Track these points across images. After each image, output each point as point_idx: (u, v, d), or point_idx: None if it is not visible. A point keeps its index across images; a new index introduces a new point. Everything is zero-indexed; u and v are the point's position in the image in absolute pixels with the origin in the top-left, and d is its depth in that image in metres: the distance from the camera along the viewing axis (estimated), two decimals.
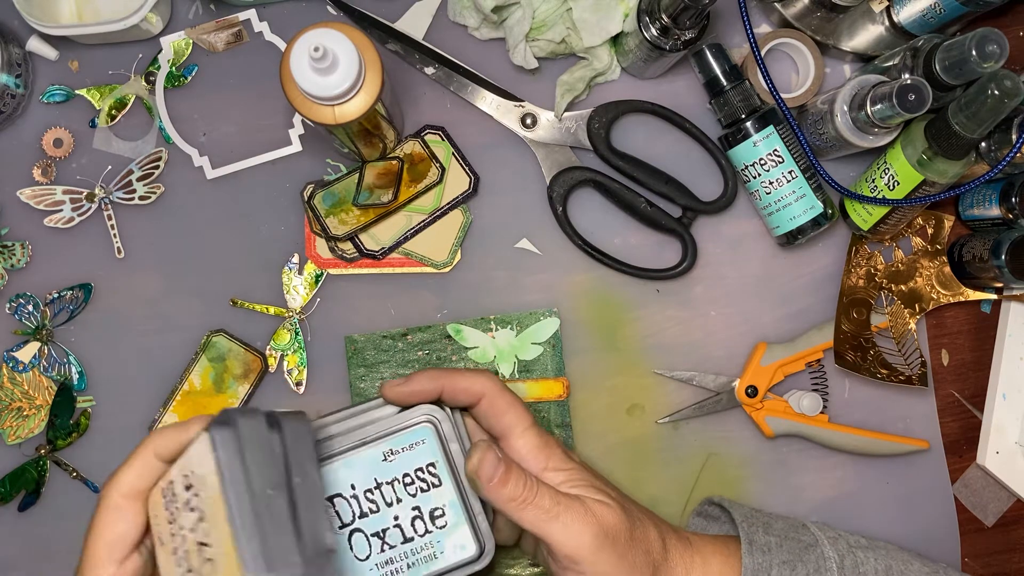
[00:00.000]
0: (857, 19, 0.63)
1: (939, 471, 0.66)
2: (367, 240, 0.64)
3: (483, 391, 0.50)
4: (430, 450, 0.50)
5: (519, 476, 0.47)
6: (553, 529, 0.47)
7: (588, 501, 0.48)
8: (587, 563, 0.47)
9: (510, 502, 0.47)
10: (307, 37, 0.50)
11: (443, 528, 0.49)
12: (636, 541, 0.49)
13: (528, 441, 0.49)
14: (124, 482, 0.45)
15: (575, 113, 0.65)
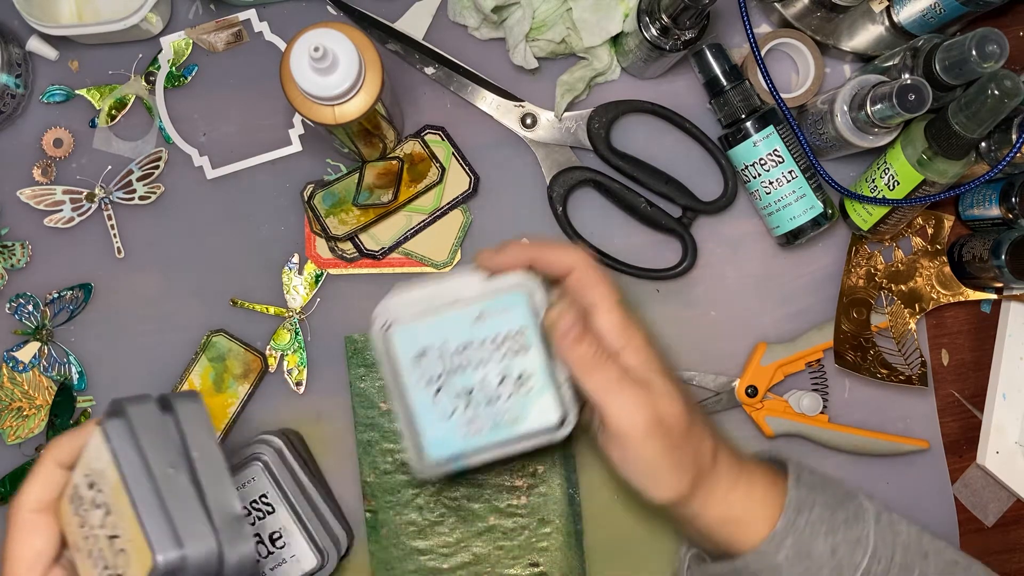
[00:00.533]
0: (857, 19, 0.63)
1: (939, 471, 0.66)
2: (367, 240, 0.64)
3: (574, 264, 0.50)
4: (521, 316, 0.50)
5: (593, 339, 0.48)
6: (612, 401, 0.47)
7: (655, 387, 0.49)
8: (634, 444, 0.48)
9: (579, 363, 0.48)
10: (307, 37, 0.50)
11: (528, 393, 0.49)
12: (688, 441, 0.49)
13: (613, 318, 0.50)
14: (31, 497, 0.45)
15: (575, 113, 0.65)
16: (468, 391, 0.49)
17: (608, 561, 0.64)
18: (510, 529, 0.63)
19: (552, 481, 0.63)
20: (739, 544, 0.51)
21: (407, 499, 0.63)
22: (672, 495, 0.50)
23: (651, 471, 0.49)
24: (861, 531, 0.52)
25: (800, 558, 0.50)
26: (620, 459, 0.49)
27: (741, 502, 0.51)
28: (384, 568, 0.63)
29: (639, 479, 0.50)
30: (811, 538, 0.51)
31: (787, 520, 0.51)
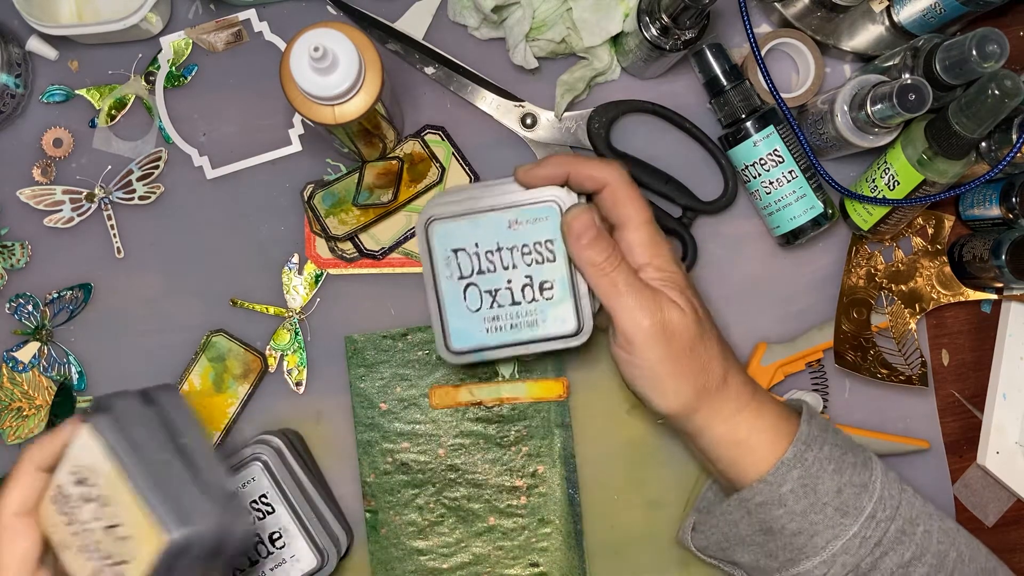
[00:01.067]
0: (857, 19, 0.63)
1: (939, 471, 0.66)
2: (367, 240, 0.64)
3: (607, 179, 0.52)
4: (551, 227, 0.53)
5: (606, 245, 0.50)
6: (619, 304, 0.50)
7: (664, 298, 0.51)
8: (638, 347, 0.50)
9: (591, 266, 0.50)
10: (307, 37, 0.50)
11: (549, 300, 0.53)
12: (695, 354, 0.51)
13: (641, 235, 0.52)
14: (13, 502, 0.46)
15: (575, 113, 0.65)
16: (495, 291, 0.53)
17: (608, 561, 0.64)
18: (510, 529, 0.63)
19: (552, 481, 0.63)
20: (743, 469, 0.52)
21: (407, 499, 0.63)
22: (675, 406, 0.51)
23: (654, 376, 0.51)
24: (868, 477, 0.52)
25: (806, 492, 0.51)
26: (626, 362, 0.51)
27: (748, 424, 0.52)
28: (384, 568, 0.63)
29: (643, 384, 0.51)
30: (818, 473, 0.51)
31: (796, 452, 0.51)
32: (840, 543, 0.51)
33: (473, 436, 0.64)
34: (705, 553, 0.58)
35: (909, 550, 0.52)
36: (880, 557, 0.52)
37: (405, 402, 0.64)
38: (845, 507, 0.51)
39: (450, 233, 0.53)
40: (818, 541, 0.51)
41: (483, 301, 0.53)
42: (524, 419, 0.64)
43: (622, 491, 0.64)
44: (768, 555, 0.53)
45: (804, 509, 0.51)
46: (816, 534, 0.51)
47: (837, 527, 0.51)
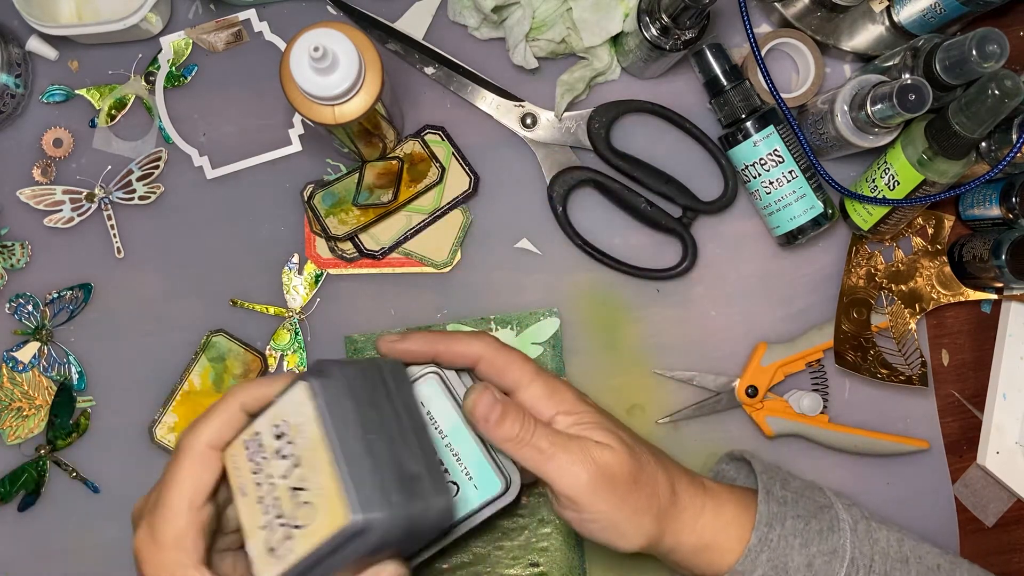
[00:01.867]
0: (857, 19, 0.63)
1: (939, 471, 0.66)
2: (367, 240, 0.64)
3: (480, 354, 0.50)
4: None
5: (516, 416, 0.48)
6: (549, 469, 0.48)
7: (589, 443, 0.49)
8: (584, 503, 0.48)
9: (507, 442, 0.48)
10: (307, 37, 0.50)
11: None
12: (640, 484, 0.49)
13: (534, 392, 0.50)
14: (210, 432, 0.45)
15: (575, 113, 0.65)
16: None
17: (608, 561, 0.64)
18: (510, 529, 0.63)
19: None
20: (718, 566, 0.51)
21: None
22: (640, 542, 0.50)
23: (610, 525, 0.49)
24: (837, 541, 0.52)
25: (777, 572, 0.50)
26: (577, 520, 0.49)
27: (711, 526, 0.51)
28: None
29: (602, 535, 0.50)
30: (786, 551, 0.51)
31: (759, 535, 0.51)
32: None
33: None
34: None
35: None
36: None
37: None
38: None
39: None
40: None
41: None
42: None
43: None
44: None
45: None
46: None
47: None
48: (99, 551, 0.63)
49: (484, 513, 0.50)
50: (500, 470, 0.50)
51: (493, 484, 0.50)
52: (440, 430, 0.49)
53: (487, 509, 0.50)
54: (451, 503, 0.47)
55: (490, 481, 0.50)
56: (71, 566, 0.63)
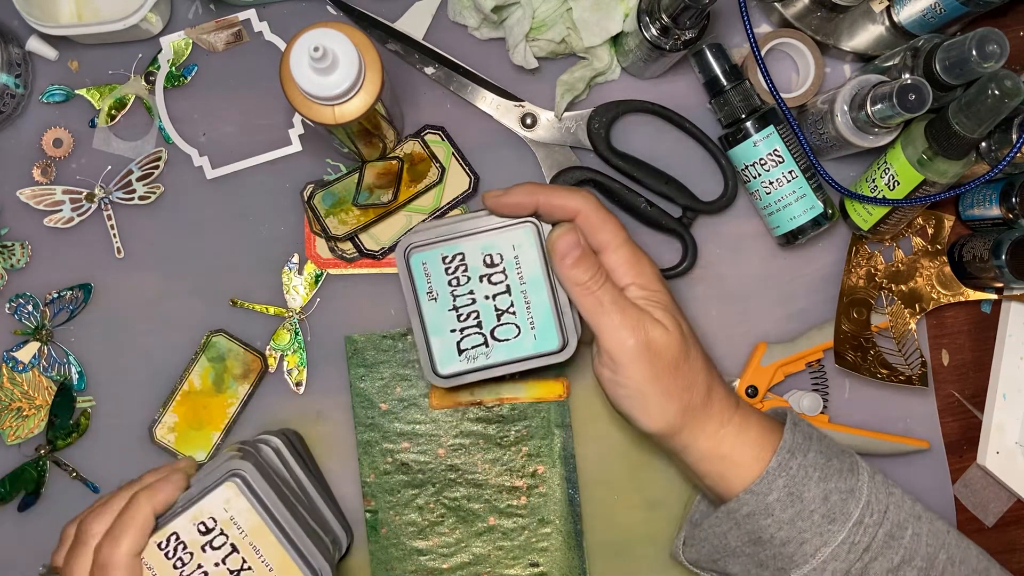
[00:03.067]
0: (857, 19, 0.63)
1: (939, 471, 0.66)
2: (367, 240, 0.64)
3: (579, 208, 0.52)
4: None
5: (591, 265, 0.51)
6: (603, 322, 0.50)
7: (648, 318, 0.51)
8: (622, 366, 0.50)
9: (575, 285, 0.51)
10: (307, 37, 0.50)
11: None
12: (680, 373, 0.51)
13: (620, 256, 0.52)
14: (131, 543, 0.49)
15: (575, 113, 0.65)
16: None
17: (608, 561, 0.64)
18: (510, 529, 0.63)
19: (552, 481, 0.63)
20: (730, 482, 0.52)
21: (407, 499, 0.63)
22: (659, 424, 0.51)
23: (638, 395, 0.51)
24: (855, 482, 0.52)
25: (792, 500, 0.51)
26: (610, 381, 0.51)
27: (732, 439, 0.52)
28: (384, 568, 0.63)
29: (627, 403, 0.52)
30: (804, 481, 0.51)
31: (780, 460, 0.51)
32: (829, 550, 0.51)
33: (473, 436, 0.64)
34: (697, 566, 0.58)
35: (898, 554, 0.52)
36: (869, 562, 0.51)
37: (405, 402, 0.64)
38: (832, 513, 0.51)
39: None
40: (807, 549, 0.51)
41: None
42: (524, 419, 0.64)
43: (622, 491, 0.64)
44: (759, 565, 0.53)
45: (791, 517, 0.51)
46: (805, 542, 0.51)
47: (825, 534, 0.51)
48: None
49: (532, 363, 0.54)
50: (562, 329, 0.53)
51: (552, 339, 0.53)
52: (521, 276, 0.52)
53: (537, 360, 0.54)
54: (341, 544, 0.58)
55: (550, 336, 0.53)
56: None
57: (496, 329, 0.54)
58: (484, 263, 0.53)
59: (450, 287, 0.53)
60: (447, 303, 0.54)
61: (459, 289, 0.53)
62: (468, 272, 0.53)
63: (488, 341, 0.54)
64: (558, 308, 0.53)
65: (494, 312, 0.53)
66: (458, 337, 0.54)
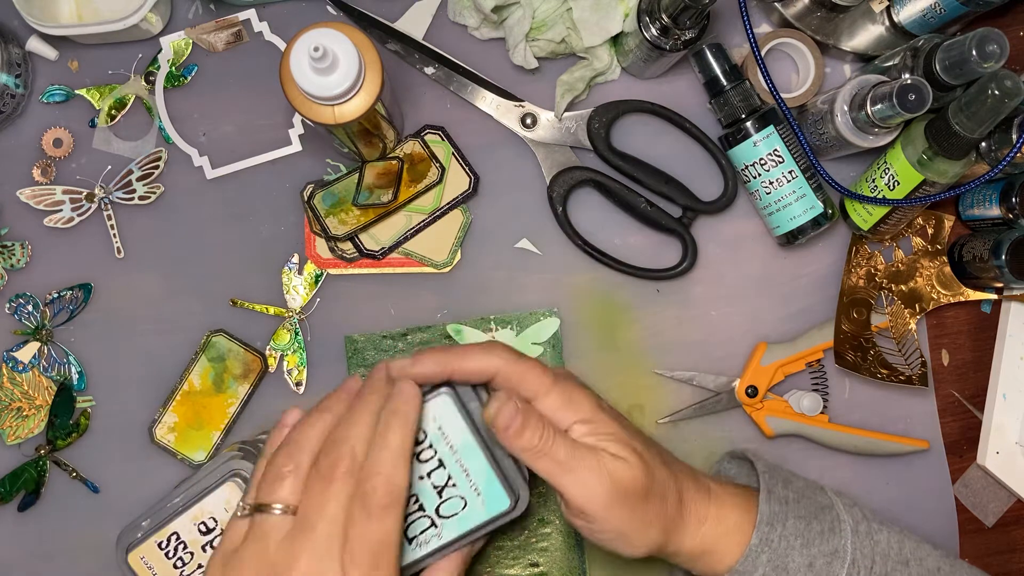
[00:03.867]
0: (857, 19, 0.63)
1: (939, 471, 0.66)
2: (367, 240, 0.64)
3: (495, 367, 0.49)
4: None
5: (536, 426, 0.48)
6: (565, 481, 0.48)
7: (605, 456, 0.48)
8: (597, 517, 0.48)
9: (525, 451, 0.48)
10: (307, 37, 0.50)
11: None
12: (651, 497, 0.50)
13: (551, 402, 0.49)
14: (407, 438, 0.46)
15: (575, 113, 0.65)
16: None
17: (608, 561, 0.64)
18: (510, 529, 0.63)
19: None
20: (717, 568, 0.52)
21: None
22: (645, 550, 0.50)
23: (619, 536, 0.50)
24: (839, 542, 0.52)
25: (778, 572, 0.51)
26: (587, 530, 0.50)
27: (712, 533, 0.52)
28: None
29: (610, 545, 0.50)
30: (786, 551, 0.51)
31: (760, 535, 0.51)
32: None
33: None
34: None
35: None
36: None
37: None
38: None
39: None
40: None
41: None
42: None
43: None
44: None
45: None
46: None
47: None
48: (99, 551, 0.63)
49: (489, 528, 0.50)
50: (509, 486, 0.49)
51: (502, 499, 0.49)
52: (451, 446, 0.48)
53: (493, 524, 0.50)
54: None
55: (499, 497, 0.49)
56: (71, 566, 0.63)
57: (441, 507, 0.49)
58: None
59: None
60: None
61: None
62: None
63: (436, 521, 0.49)
64: (499, 465, 0.49)
65: (433, 490, 0.49)
66: (403, 525, 0.48)
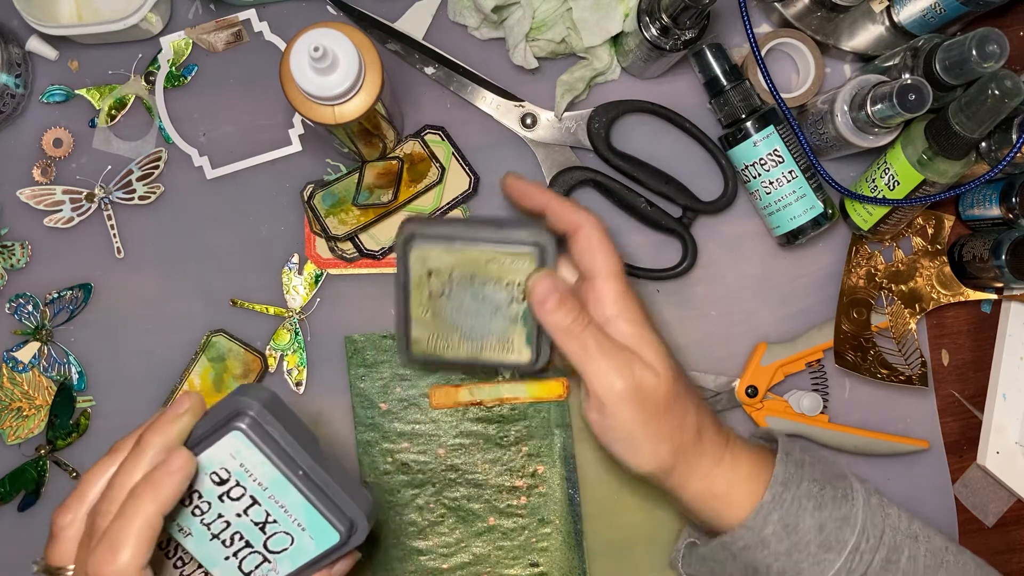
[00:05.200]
0: (857, 19, 0.63)
1: (939, 471, 0.66)
2: (367, 240, 0.64)
3: (582, 223, 0.51)
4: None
5: (571, 308, 0.50)
6: (589, 367, 0.49)
7: (636, 359, 0.50)
8: (610, 410, 0.49)
9: (557, 330, 0.50)
10: (307, 37, 0.50)
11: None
12: (670, 414, 0.50)
13: (611, 286, 0.51)
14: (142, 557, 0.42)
15: (575, 113, 0.65)
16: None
17: (608, 561, 0.64)
18: (510, 529, 0.63)
19: (552, 481, 0.63)
20: (725, 519, 0.52)
21: (407, 499, 0.63)
22: (650, 466, 0.51)
23: (628, 438, 0.50)
24: (850, 509, 0.52)
25: (787, 532, 0.51)
26: (599, 424, 0.50)
27: (724, 477, 0.52)
28: (384, 568, 0.63)
29: (617, 446, 0.51)
30: (798, 512, 0.51)
31: (773, 494, 0.51)
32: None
33: (473, 436, 0.64)
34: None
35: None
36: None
37: (405, 402, 0.64)
38: (828, 543, 0.51)
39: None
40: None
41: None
42: (524, 419, 0.64)
43: (622, 491, 0.64)
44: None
45: (787, 549, 0.51)
46: (801, 572, 0.51)
47: (822, 563, 0.51)
48: None
49: (327, 561, 0.49)
50: (339, 514, 0.47)
51: (330, 533, 0.47)
52: (259, 482, 0.47)
53: (333, 555, 0.48)
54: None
55: (325, 530, 0.47)
56: None
57: (268, 542, 0.48)
58: (213, 482, 0.46)
59: (196, 517, 0.47)
60: (204, 535, 0.47)
61: (207, 516, 0.47)
62: (205, 497, 0.46)
63: (268, 557, 0.48)
64: (322, 495, 0.47)
65: (255, 526, 0.47)
66: (236, 563, 0.48)
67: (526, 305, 0.54)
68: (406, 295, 0.55)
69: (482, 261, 0.54)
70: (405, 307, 0.55)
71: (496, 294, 0.54)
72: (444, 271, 0.54)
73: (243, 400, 0.46)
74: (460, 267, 0.54)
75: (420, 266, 0.54)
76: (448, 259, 0.54)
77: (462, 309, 0.55)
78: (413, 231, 0.54)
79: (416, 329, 0.56)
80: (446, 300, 0.55)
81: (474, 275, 0.54)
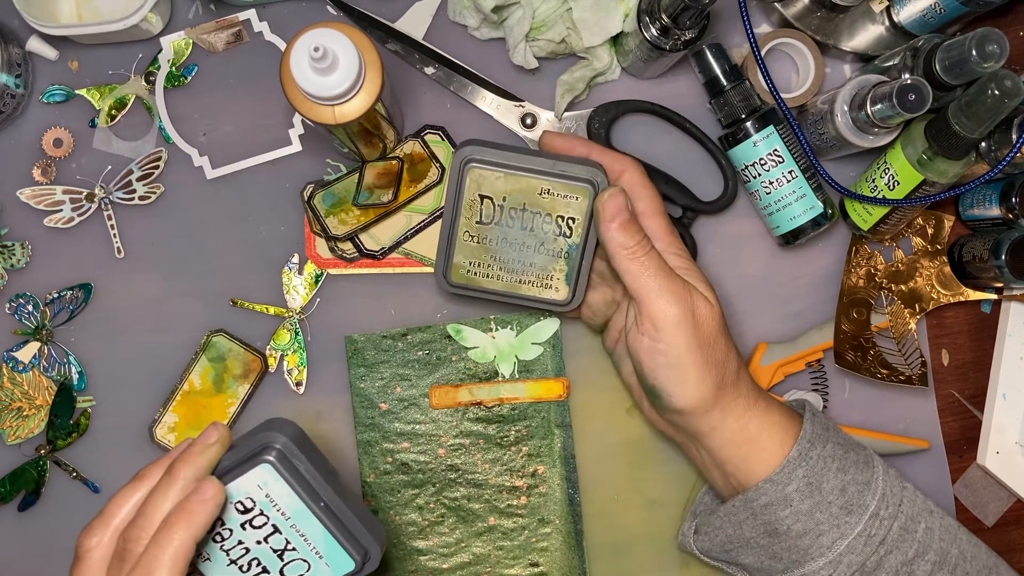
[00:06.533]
0: (857, 19, 0.63)
1: (939, 471, 0.66)
2: (367, 240, 0.64)
3: (624, 168, 0.54)
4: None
5: (637, 230, 0.51)
6: (647, 287, 0.50)
7: (692, 288, 0.51)
8: (663, 332, 0.50)
9: (621, 248, 0.51)
10: (307, 37, 0.50)
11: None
12: (718, 347, 0.51)
13: (659, 223, 0.54)
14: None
15: (575, 113, 0.65)
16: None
17: (608, 561, 0.64)
18: (510, 529, 0.63)
19: (552, 481, 0.63)
20: (752, 468, 0.52)
21: (407, 499, 0.63)
22: (694, 398, 0.51)
23: (678, 364, 0.50)
24: (871, 475, 0.52)
25: (811, 490, 0.51)
26: (649, 349, 0.51)
27: (757, 421, 0.52)
28: (384, 569, 0.63)
29: (665, 372, 0.51)
30: (823, 472, 0.51)
31: (800, 449, 0.51)
32: (846, 542, 0.51)
33: (473, 436, 0.64)
34: (708, 556, 0.58)
35: (912, 548, 0.52)
36: (884, 556, 0.52)
37: (405, 402, 0.64)
38: (849, 505, 0.51)
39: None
40: (824, 541, 0.51)
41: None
42: (524, 419, 0.64)
43: (622, 491, 0.65)
44: (772, 557, 0.53)
45: (809, 508, 0.51)
46: (822, 534, 0.51)
47: (843, 526, 0.51)
48: None
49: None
50: (355, 544, 0.49)
51: (346, 560, 0.49)
52: (282, 512, 0.48)
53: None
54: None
55: (342, 559, 0.49)
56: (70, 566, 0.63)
57: (285, 569, 0.49)
58: (238, 510, 0.48)
59: (216, 543, 0.48)
60: (223, 560, 0.49)
61: (227, 543, 0.48)
62: (228, 524, 0.48)
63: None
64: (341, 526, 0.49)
65: (273, 553, 0.49)
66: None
67: (571, 241, 0.55)
68: (455, 216, 0.56)
69: (536, 192, 0.55)
70: (452, 229, 0.56)
71: (545, 227, 0.55)
72: (497, 197, 0.55)
73: (271, 434, 0.48)
74: (514, 195, 0.55)
75: (474, 189, 0.55)
76: (503, 186, 0.55)
77: (508, 239, 0.56)
78: (472, 153, 0.55)
79: (459, 254, 0.57)
80: (494, 227, 0.56)
81: (526, 205, 0.55)
